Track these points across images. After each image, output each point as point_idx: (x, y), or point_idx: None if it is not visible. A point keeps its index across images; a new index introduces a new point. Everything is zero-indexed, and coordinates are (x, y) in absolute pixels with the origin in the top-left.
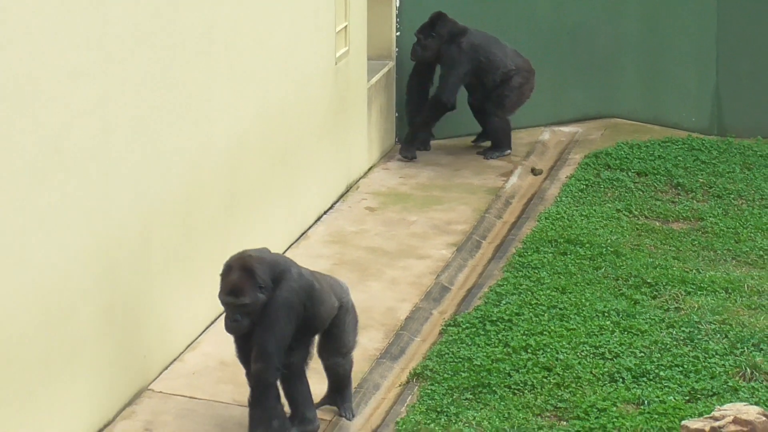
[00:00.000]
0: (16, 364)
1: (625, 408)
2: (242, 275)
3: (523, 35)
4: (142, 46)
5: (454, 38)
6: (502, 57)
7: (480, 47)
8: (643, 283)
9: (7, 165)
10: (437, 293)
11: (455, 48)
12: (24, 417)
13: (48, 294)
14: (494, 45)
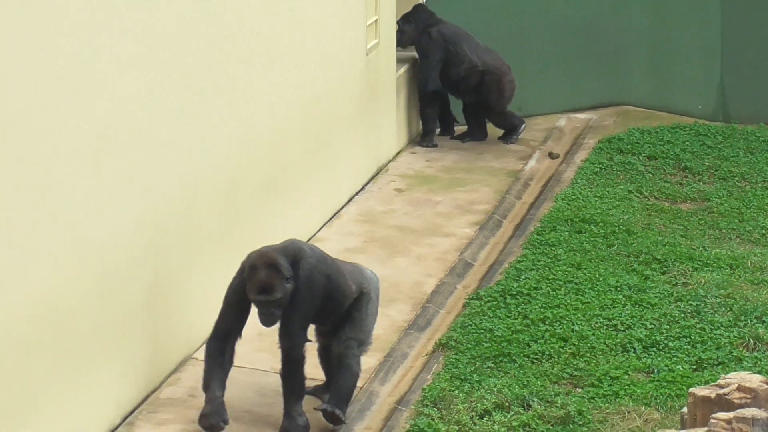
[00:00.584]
0: (71, 334)
1: (636, 376)
2: (269, 272)
3: (540, 29)
4: (187, 37)
5: (426, 28)
6: (469, 51)
7: (448, 38)
8: (653, 259)
9: (63, 148)
10: (461, 269)
11: (426, 37)
12: (78, 385)
13: (100, 268)
14: (463, 39)
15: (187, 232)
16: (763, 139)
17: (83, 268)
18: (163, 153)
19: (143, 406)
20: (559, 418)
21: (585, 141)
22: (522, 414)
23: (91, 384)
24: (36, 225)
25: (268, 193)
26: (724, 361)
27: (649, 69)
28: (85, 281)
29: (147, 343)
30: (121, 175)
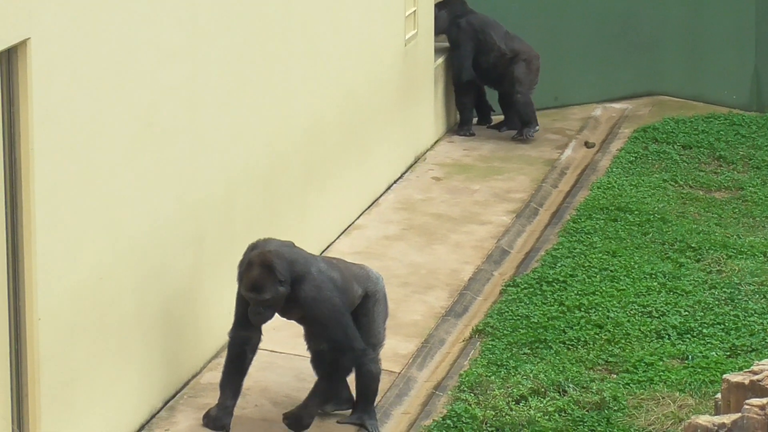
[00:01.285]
0: (114, 320)
1: (670, 362)
2: (262, 271)
3: (577, 20)
4: (228, 28)
5: (455, 19)
6: (498, 40)
7: (477, 27)
8: (688, 247)
9: (106, 138)
10: (498, 256)
11: (455, 28)
12: (120, 369)
13: (142, 255)
14: (492, 27)
15: (227, 221)
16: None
17: (125, 256)
18: (203, 143)
19: (184, 390)
20: (594, 404)
21: (620, 130)
22: (558, 399)
23: (133, 369)
24: (80, 214)
25: (307, 182)
26: (757, 348)
27: (684, 59)
28: (127, 269)
29: (188, 330)
30: (162, 166)
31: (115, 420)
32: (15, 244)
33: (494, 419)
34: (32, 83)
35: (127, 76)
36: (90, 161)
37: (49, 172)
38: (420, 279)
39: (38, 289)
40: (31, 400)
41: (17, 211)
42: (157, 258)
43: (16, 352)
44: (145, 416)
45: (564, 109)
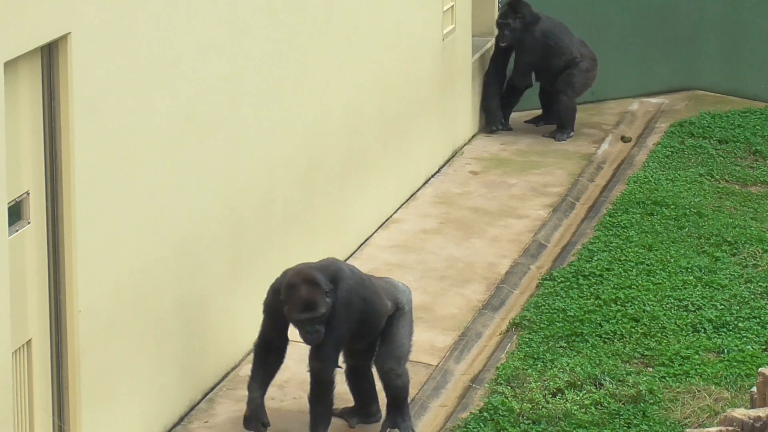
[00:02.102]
0: (153, 311)
1: (706, 356)
2: (310, 288)
3: (614, 15)
4: (267, 23)
5: (528, 26)
6: (569, 44)
7: (551, 33)
8: (724, 241)
9: (145, 131)
10: (534, 250)
11: (528, 36)
12: (159, 360)
13: (182, 248)
14: (563, 33)
15: (266, 213)
16: None
17: (165, 249)
18: (243, 136)
19: (223, 382)
20: (630, 397)
21: (657, 125)
22: (594, 392)
23: (172, 361)
24: (119, 208)
25: (345, 175)
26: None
27: (721, 54)
28: (167, 261)
29: (227, 322)
30: (201, 159)
31: (155, 412)
32: (56, 236)
33: (531, 412)
34: (73, 77)
35: (167, 71)
36: (130, 154)
37: (90, 165)
38: (457, 272)
39: (79, 282)
40: (72, 392)
41: (58, 204)
42: (196, 251)
43: (57, 345)
44: (185, 408)
45: (601, 103)
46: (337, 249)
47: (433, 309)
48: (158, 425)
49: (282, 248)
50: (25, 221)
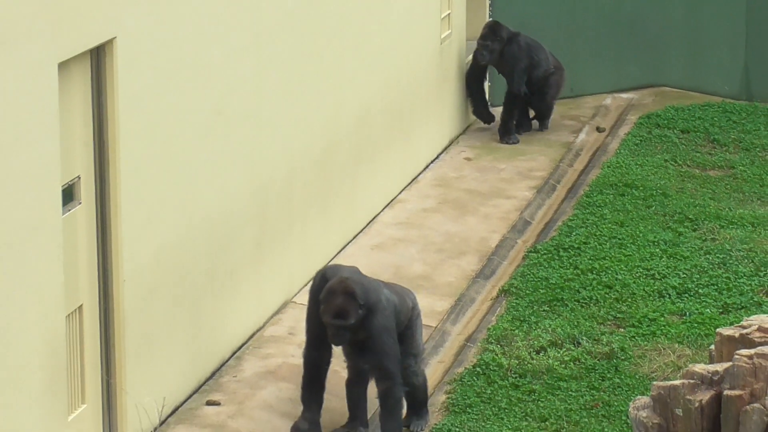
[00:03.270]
0: (188, 282)
1: (670, 318)
2: (345, 299)
3: (590, 22)
4: (289, 27)
5: (512, 39)
6: (545, 58)
7: (531, 47)
8: (686, 218)
9: (181, 123)
10: (521, 226)
11: (515, 46)
12: (194, 326)
13: (213, 226)
14: (539, 48)
15: (287, 196)
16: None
17: (199, 226)
18: (267, 129)
19: (250, 342)
20: (604, 354)
21: (627, 117)
22: (573, 350)
23: (205, 324)
24: (159, 190)
25: (356, 161)
26: (746, 306)
27: (684, 55)
28: (200, 238)
29: (253, 290)
30: (230, 149)
31: (191, 367)
32: (104, 215)
33: (518, 367)
34: (118, 76)
35: (201, 71)
36: (168, 144)
37: (133, 153)
38: (453, 246)
39: (124, 255)
40: (118, 352)
41: (105, 186)
42: (226, 228)
43: (105, 310)
44: (216, 364)
45: (578, 98)
46: (349, 226)
47: (432, 278)
48: (193, 379)
49: (301, 225)
50: (77, 202)
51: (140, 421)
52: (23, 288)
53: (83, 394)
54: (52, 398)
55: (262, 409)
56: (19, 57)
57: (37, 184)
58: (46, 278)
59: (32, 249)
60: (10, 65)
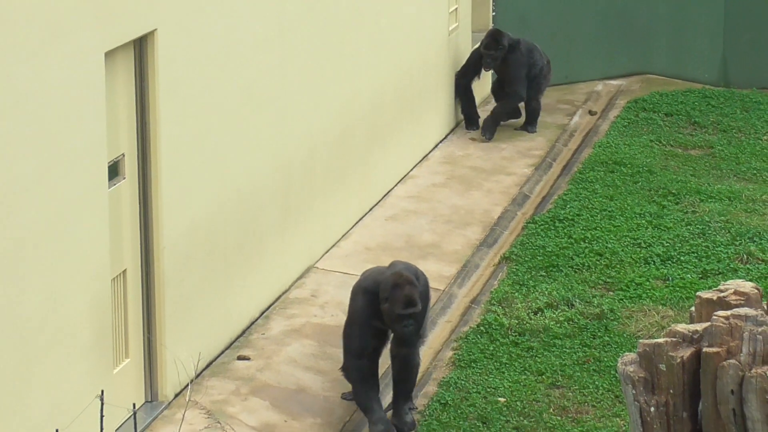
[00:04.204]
0: (220, 249)
1: (655, 283)
2: (411, 288)
3: (584, 15)
4: (310, 21)
5: (514, 47)
6: (539, 57)
7: (530, 51)
8: (669, 193)
9: (214, 107)
10: (520, 199)
11: (518, 53)
12: (226, 289)
13: (243, 198)
14: (535, 49)
15: (309, 172)
16: (755, 100)
17: (230, 200)
18: (290, 112)
19: (276, 303)
20: (595, 315)
21: (617, 102)
22: (567, 311)
23: (236, 287)
24: (195, 167)
25: (371, 142)
26: (723, 272)
27: (668, 46)
28: (230, 209)
29: (279, 256)
30: (257, 130)
31: (223, 326)
32: (145, 189)
33: (517, 326)
34: (158, 64)
35: (231, 60)
36: (202, 126)
37: (171, 134)
38: (460, 217)
39: (163, 225)
40: (158, 312)
41: (147, 163)
42: (254, 201)
43: (146, 274)
44: (246, 323)
45: (572, 85)
46: (365, 199)
47: (441, 246)
48: (225, 337)
49: (322, 199)
50: (121, 177)
51: (178, 374)
52: (73, 254)
53: (127, 349)
54: (98, 353)
55: (287, 363)
56: (69, 47)
57: (86, 161)
58: (94, 245)
59: (81, 219)
60: (62, 54)
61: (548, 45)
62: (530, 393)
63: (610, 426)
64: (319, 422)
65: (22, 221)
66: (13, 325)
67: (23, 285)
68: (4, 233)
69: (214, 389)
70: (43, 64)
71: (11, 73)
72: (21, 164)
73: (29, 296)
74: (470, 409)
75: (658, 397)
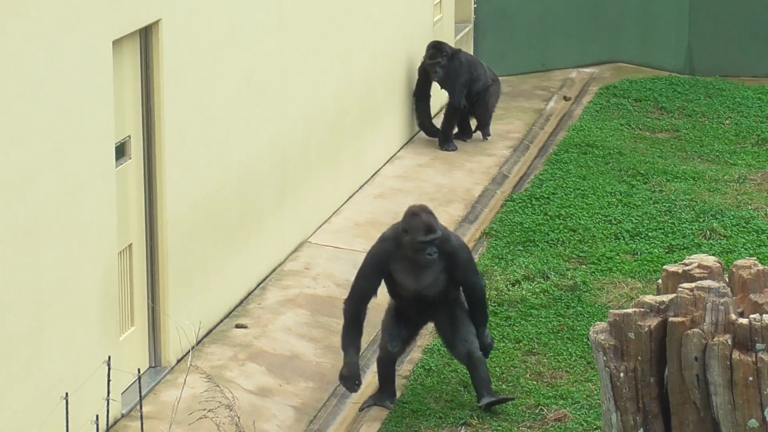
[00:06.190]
0: (221, 225)
1: (624, 257)
2: (429, 216)
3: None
4: (306, 11)
5: (453, 56)
6: (483, 73)
7: (471, 63)
8: (638, 173)
9: (216, 91)
10: (500, 179)
11: (457, 62)
12: (225, 262)
13: (242, 177)
14: (478, 63)
15: (304, 153)
16: (718, 87)
17: (230, 178)
18: (288, 96)
19: (272, 275)
20: (569, 286)
21: (590, 88)
22: (543, 283)
23: (235, 259)
24: (198, 147)
25: (362, 124)
26: (688, 247)
27: (637, 36)
28: (231, 187)
29: (275, 231)
30: (258, 112)
31: (222, 296)
32: (151, 168)
33: (497, 297)
34: (163, 52)
35: (233, 47)
36: (205, 108)
37: (175, 116)
38: (443, 195)
39: (167, 201)
40: (162, 283)
41: (152, 145)
42: (253, 179)
43: (151, 248)
44: (244, 294)
45: (548, 72)
46: (356, 178)
47: None
48: (224, 306)
49: (316, 178)
50: (128, 157)
51: (180, 341)
52: (82, 229)
53: (132, 318)
54: (106, 322)
55: (282, 331)
56: (79, 36)
57: (94, 142)
58: (102, 221)
59: (90, 196)
60: (72, 42)
61: (526, 34)
62: (508, 359)
63: (582, 390)
64: (312, 386)
65: (36, 198)
66: (29, 294)
67: (38, 257)
68: (21, 208)
69: (213, 355)
70: (57, 53)
71: (28, 61)
72: (36, 145)
73: (43, 267)
74: (452, 374)
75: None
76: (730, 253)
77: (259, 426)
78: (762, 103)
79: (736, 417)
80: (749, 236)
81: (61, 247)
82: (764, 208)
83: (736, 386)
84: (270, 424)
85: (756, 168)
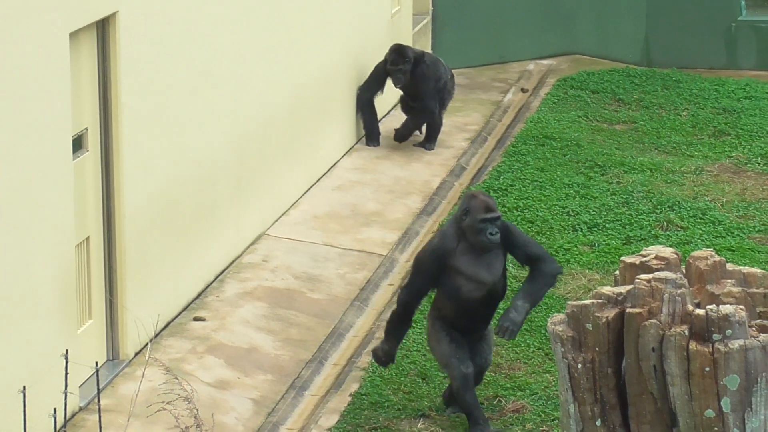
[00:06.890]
0: (178, 216)
1: (582, 248)
2: (487, 197)
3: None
4: (262, 4)
5: (419, 60)
6: (443, 71)
7: (434, 64)
8: (595, 165)
9: (173, 83)
10: (458, 171)
11: (424, 66)
12: (183, 253)
13: (200, 170)
14: (438, 62)
15: (261, 145)
16: (675, 78)
17: (187, 170)
18: (245, 88)
19: (230, 268)
20: None
21: (547, 80)
22: None
23: (192, 252)
24: (154, 139)
25: (319, 117)
26: (645, 238)
27: (594, 27)
28: (188, 180)
29: (233, 224)
30: (214, 105)
31: (180, 289)
32: (107, 161)
33: None
34: (120, 44)
35: (189, 39)
36: (162, 101)
37: (132, 108)
38: (401, 188)
39: (124, 195)
40: (119, 276)
41: (109, 137)
42: (210, 172)
43: (109, 241)
44: (202, 286)
45: (506, 64)
46: (313, 170)
47: (384, 214)
48: (182, 299)
49: (273, 169)
50: (85, 149)
51: (138, 333)
52: (39, 222)
53: (90, 311)
54: (63, 315)
55: (240, 324)
56: (36, 27)
57: (51, 134)
58: (59, 214)
59: (47, 189)
60: (29, 34)
61: (484, 27)
62: None
63: (540, 381)
64: (270, 378)
65: None
66: None
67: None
68: None
69: (172, 348)
70: (12, 44)
71: None
72: None
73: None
74: (411, 366)
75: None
76: (687, 245)
77: (218, 418)
78: (718, 94)
79: (693, 407)
80: (706, 227)
81: (17, 240)
82: (721, 199)
83: (693, 377)
84: (228, 416)
85: (713, 159)
